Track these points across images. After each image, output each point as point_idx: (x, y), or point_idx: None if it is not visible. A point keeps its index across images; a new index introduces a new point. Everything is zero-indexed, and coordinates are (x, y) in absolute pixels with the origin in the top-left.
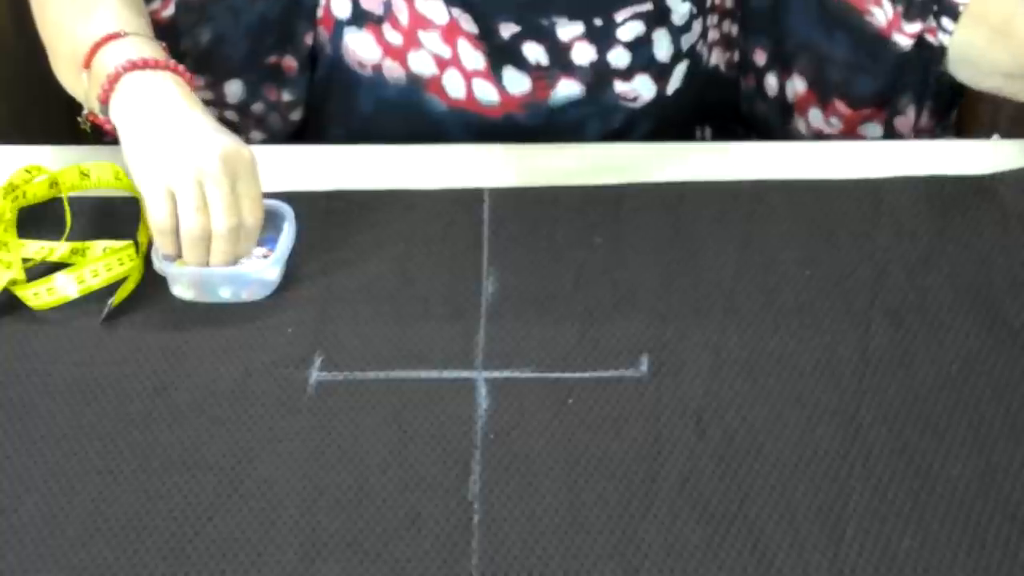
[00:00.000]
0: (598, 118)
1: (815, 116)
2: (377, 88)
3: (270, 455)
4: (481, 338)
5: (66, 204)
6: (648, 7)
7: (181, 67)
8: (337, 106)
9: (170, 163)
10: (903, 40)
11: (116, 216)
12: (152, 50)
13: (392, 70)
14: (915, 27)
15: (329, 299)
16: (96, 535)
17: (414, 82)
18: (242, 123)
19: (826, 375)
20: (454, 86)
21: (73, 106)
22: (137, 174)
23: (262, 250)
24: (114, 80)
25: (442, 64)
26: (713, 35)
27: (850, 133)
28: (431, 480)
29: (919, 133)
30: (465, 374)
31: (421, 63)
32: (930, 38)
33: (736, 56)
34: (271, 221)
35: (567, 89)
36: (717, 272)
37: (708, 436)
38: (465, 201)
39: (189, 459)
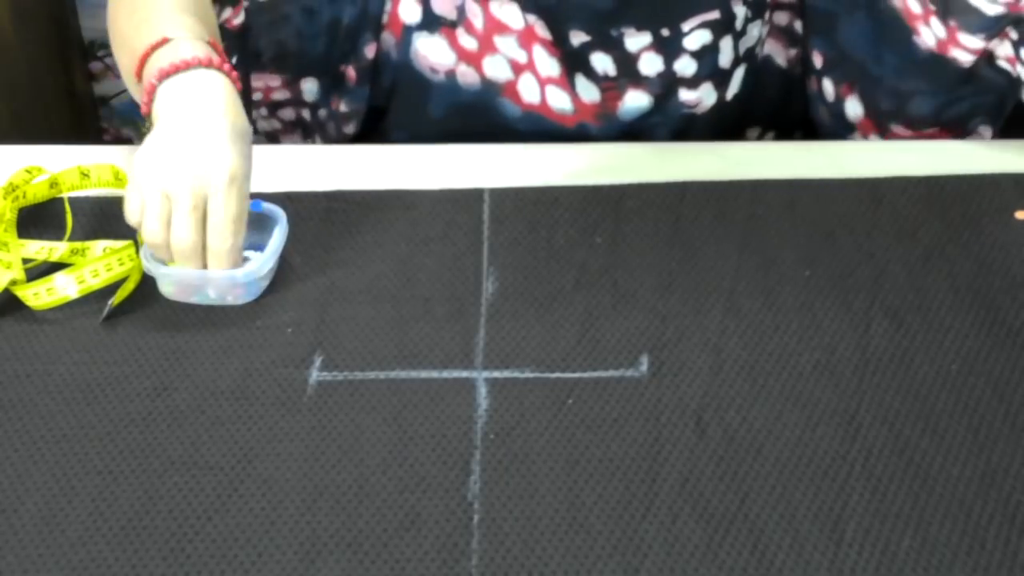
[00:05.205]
0: (665, 127)
1: (876, 139)
2: (449, 93)
3: (270, 455)
4: (481, 338)
5: (66, 204)
6: (716, 15)
7: (226, 64)
8: (403, 111)
9: (143, 175)
10: (963, 56)
11: (116, 216)
12: (192, 49)
13: (466, 75)
14: (977, 43)
15: (329, 299)
16: (96, 535)
17: (489, 87)
18: (313, 123)
19: (826, 375)
20: (529, 91)
21: (73, 106)
22: (129, 178)
23: (251, 252)
24: (150, 92)
25: (518, 68)
26: (763, 30)
27: None
28: (431, 480)
29: None
30: (465, 374)
31: (497, 68)
32: (1007, 66)
33: (798, 54)
34: (264, 224)
35: (635, 100)
36: (717, 272)
37: (708, 436)
38: (465, 201)
39: (189, 459)
